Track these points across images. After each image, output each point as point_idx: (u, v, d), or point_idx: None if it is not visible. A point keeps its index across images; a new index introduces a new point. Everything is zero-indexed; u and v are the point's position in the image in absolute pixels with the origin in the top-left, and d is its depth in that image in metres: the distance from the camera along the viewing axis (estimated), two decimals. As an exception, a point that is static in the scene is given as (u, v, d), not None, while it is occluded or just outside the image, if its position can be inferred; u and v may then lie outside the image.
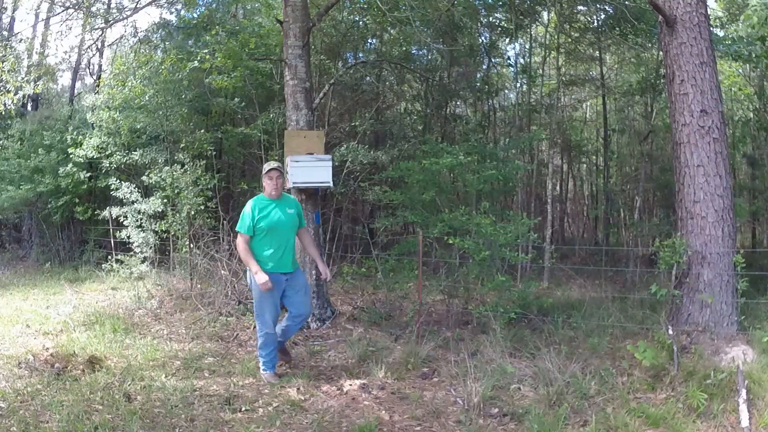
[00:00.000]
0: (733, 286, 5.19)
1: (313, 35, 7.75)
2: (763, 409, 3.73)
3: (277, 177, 4.63)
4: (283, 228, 4.61)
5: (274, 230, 4.57)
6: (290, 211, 4.70)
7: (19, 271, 10.45)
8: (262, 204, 4.63)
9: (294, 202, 4.85)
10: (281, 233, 4.60)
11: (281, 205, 4.66)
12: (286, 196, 4.87)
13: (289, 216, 4.67)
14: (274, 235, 4.57)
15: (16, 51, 9.44)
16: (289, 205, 4.75)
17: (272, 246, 4.56)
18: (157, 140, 9.79)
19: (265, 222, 4.55)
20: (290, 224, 4.69)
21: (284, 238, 4.62)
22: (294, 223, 4.73)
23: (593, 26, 11.14)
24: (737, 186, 10.37)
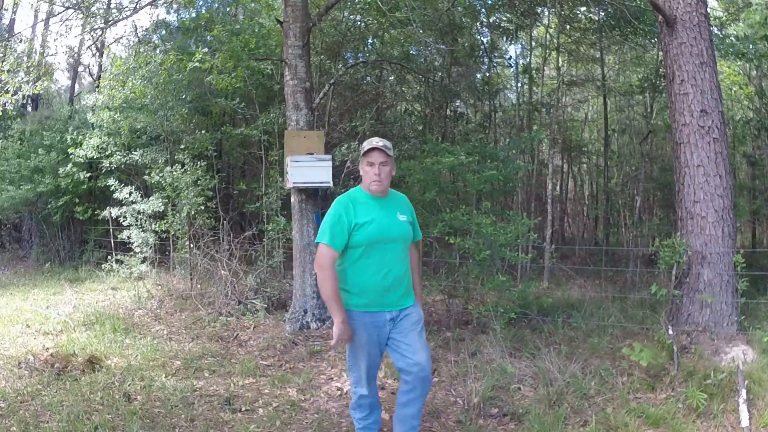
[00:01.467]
0: (733, 286, 5.19)
1: (313, 35, 7.75)
2: (763, 409, 3.73)
3: (381, 163, 3.04)
4: (392, 242, 3.07)
5: (379, 246, 3.03)
6: (402, 217, 3.14)
7: (19, 271, 10.45)
8: (358, 203, 3.07)
9: (405, 203, 3.28)
10: (389, 250, 3.06)
11: (389, 207, 3.12)
12: (395, 194, 3.27)
13: (400, 225, 3.11)
14: (376, 253, 3.03)
15: (15, 51, 9.44)
16: (399, 206, 3.19)
17: (373, 270, 3.04)
18: (157, 140, 9.79)
19: (365, 232, 3.00)
20: (402, 237, 3.12)
21: (392, 257, 3.08)
22: (407, 236, 3.16)
23: (594, 27, 11.14)
24: (737, 186, 10.35)
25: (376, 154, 3.02)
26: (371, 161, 3.01)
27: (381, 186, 3.04)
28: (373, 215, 3.01)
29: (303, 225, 6.23)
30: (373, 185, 3.03)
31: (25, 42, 10.42)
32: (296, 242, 6.28)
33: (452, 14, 9.90)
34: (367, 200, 3.07)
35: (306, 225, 6.23)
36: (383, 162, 3.02)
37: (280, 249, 7.95)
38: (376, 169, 3.01)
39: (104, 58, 12.13)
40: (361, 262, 3.02)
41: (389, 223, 3.05)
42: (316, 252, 3.12)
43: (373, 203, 3.06)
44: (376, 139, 3.07)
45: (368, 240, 2.98)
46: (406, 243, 3.13)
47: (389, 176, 3.08)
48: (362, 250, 2.99)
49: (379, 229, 3.01)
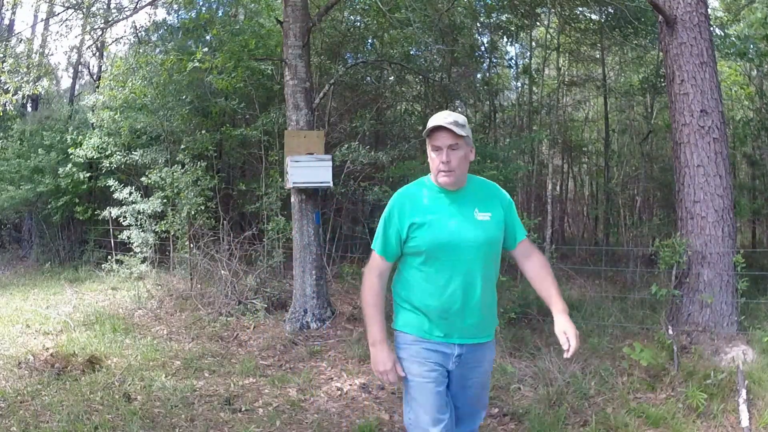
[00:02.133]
0: (733, 286, 5.19)
1: (314, 35, 7.75)
2: (763, 409, 3.73)
3: (451, 146, 2.25)
4: (466, 249, 2.28)
5: (446, 254, 2.27)
6: (483, 215, 2.33)
7: (19, 271, 10.46)
8: (419, 198, 2.35)
9: (492, 194, 2.44)
10: (462, 260, 2.28)
11: (463, 202, 2.34)
12: (480, 183, 2.45)
13: (478, 226, 2.31)
14: (444, 263, 2.28)
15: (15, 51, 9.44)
16: (481, 200, 2.37)
17: (437, 285, 2.29)
18: (157, 140, 9.79)
19: (423, 236, 2.29)
20: (480, 242, 2.30)
21: (467, 270, 2.29)
22: (490, 240, 2.34)
23: (594, 27, 11.14)
24: (737, 186, 10.36)
25: (442, 135, 2.21)
26: (436, 145, 2.23)
27: (451, 178, 2.24)
28: (438, 213, 2.27)
29: (303, 225, 6.23)
30: (441, 177, 2.25)
31: (26, 42, 10.41)
32: (296, 242, 6.27)
33: (452, 14, 9.90)
34: (433, 193, 2.32)
35: (306, 225, 6.23)
36: (453, 145, 2.21)
37: (280, 249, 7.95)
38: (444, 156, 2.21)
39: (104, 58, 12.13)
40: (422, 271, 2.28)
41: (460, 224, 2.25)
42: (316, 252, 2.91)
43: (442, 197, 2.30)
44: (443, 115, 2.24)
45: (428, 246, 2.24)
46: (489, 249, 2.28)
47: (464, 163, 2.27)
48: (423, 258, 2.27)
49: (442, 230, 2.24)
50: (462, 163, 2.26)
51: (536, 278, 2.43)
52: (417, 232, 2.27)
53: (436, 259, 2.26)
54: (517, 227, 2.43)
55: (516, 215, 2.43)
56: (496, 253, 2.36)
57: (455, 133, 2.20)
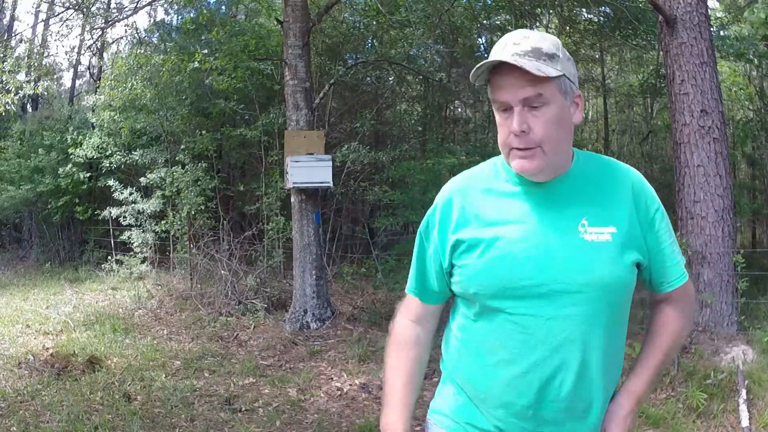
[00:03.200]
0: (733, 286, 5.19)
1: (314, 35, 7.76)
2: (763, 409, 3.73)
3: (527, 101, 1.16)
4: (556, 298, 1.19)
5: (518, 302, 1.21)
6: (597, 231, 1.21)
7: (19, 271, 10.46)
8: (484, 194, 1.30)
9: (627, 188, 1.27)
10: (548, 317, 1.19)
11: (563, 204, 1.24)
12: (603, 168, 1.30)
13: (589, 252, 1.20)
14: (515, 320, 1.21)
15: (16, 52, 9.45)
16: (599, 200, 1.25)
17: (502, 360, 1.24)
18: (157, 141, 9.79)
19: (478, 265, 1.24)
20: (595, 284, 1.19)
21: (557, 337, 1.19)
22: (616, 281, 1.22)
23: (594, 28, 11.14)
24: (737, 186, 10.36)
25: (509, 80, 1.17)
26: (501, 100, 1.19)
27: (535, 161, 1.19)
28: (507, 224, 1.24)
29: (303, 225, 6.23)
30: (516, 160, 1.21)
31: (26, 42, 10.42)
32: (296, 242, 6.27)
33: (452, 15, 9.90)
34: (506, 186, 1.29)
35: (306, 225, 6.23)
36: (533, 99, 1.16)
37: (280, 249, 7.96)
38: (516, 121, 1.17)
39: (104, 58, 12.13)
40: (476, 328, 1.30)
41: (551, 248, 1.21)
42: (316, 252, 1.77)
43: (519, 194, 1.26)
44: (512, 38, 1.19)
45: (480, 287, 1.24)
46: (608, 300, 1.22)
47: (561, 130, 1.20)
48: (476, 307, 1.28)
49: (512, 260, 1.21)
50: (556, 131, 1.17)
51: (652, 331, 1.39)
52: (465, 258, 1.24)
53: (500, 313, 1.21)
54: (670, 259, 1.28)
55: (670, 235, 1.29)
56: (620, 306, 1.26)
57: (534, 76, 1.12)
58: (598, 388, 1.23)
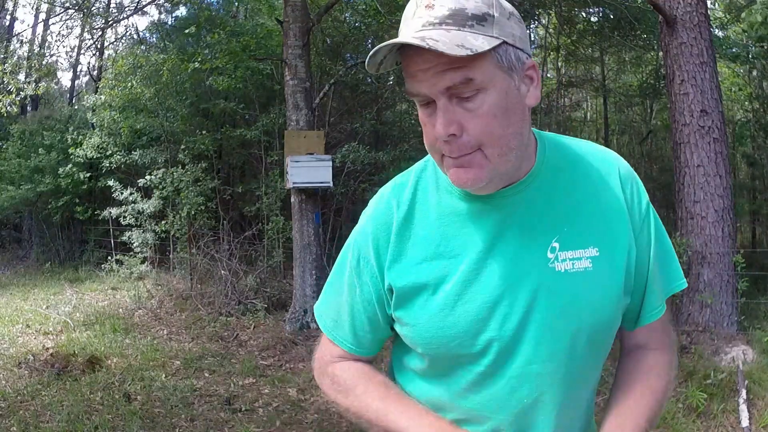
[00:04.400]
0: (733, 286, 5.19)
1: (314, 35, 7.76)
2: (763, 409, 3.74)
3: (451, 90, 0.79)
4: (525, 352, 0.89)
5: (476, 359, 0.90)
6: (573, 255, 0.89)
7: (19, 271, 10.46)
8: (421, 214, 0.95)
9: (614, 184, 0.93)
10: (513, 376, 0.90)
11: (525, 219, 0.90)
12: (578, 161, 0.94)
13: (564, 286, 0.88)
14: (471, 379, 0.92)
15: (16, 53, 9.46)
16: (576, 208, 0.91)
17: (472, 417, 0.94)
18: (157, 141, 9.79)
19: (423, 317, 0.91)
20: (575, 329, 0.89)
21: (522, 400, 0.91)
22: (603, 320, 0.91)
23: (593, 28, 11.15)
24: (737, 186, 10.37)
25: (423, 63, 0.80)
26: (417, 92, 0.83)
27: (472, 173, 0.84)
28: (456, 260, 0.91)
29: (303, 225, 6.23)
30: (451, 171, 0.86)
31: (26, 43, 10.44)
32: (296, 242, 6.28)
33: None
34: (450, 204, 0.94)
35: (306, 225, 6.23)
36: (458, 86, 0.80)
37: (280, 249, 7.96)
38: (439, 122, 0.81)
39: (104, 58, 12.14)
40: (431, 385, 0.99)
41: (509, 290, 0.89)
42: (316, 252, 1.63)
43: (469, 215, 0.92)
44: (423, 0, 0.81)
45: (437, 349, 0.93)
46: (588, 347, 0.92)
47: (507, 123, 0.82)
48: (425, 362, 0.97)
49: (468, 311, 0.89)
50: (501, 126, 0.82)
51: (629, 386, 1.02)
52: (404, 309, 0.94)
53: (454, 372, 0.94)
54: (655, 289, 0.98)
55: (667, 245, 1.00)
56: (602, 355, 0.99)
57: (453, 58, 0.77)
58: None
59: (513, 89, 0.83)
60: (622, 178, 0.95)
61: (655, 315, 0.99)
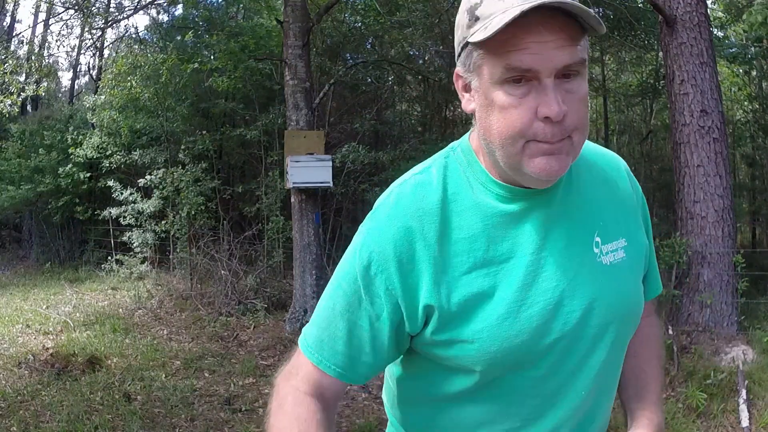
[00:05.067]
0: (733, 286, 5.19)
1: (314, 35, 7.76)
2: (763, 409, 3.74)
3: (568, 70, 0.76)
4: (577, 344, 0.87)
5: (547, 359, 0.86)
6: (612, 248, 0.90)
7: (19, 271, 10.46)
8: (457, 220, 0.85)
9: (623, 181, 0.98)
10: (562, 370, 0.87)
11: (569, 218, 0.88)
12: (594, 161, 0.96)
13: (610, 279, 0.89)
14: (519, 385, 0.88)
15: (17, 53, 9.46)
16: (606, 206, 0.93)
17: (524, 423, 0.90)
18: (157, 141, 9.80)
19: (492, 334, 0.83)
20: (621, 318, 0.91)
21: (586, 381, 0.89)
22: (638, 308, 0.95)
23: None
24: (737, 186, 10.37)
25: (543, 36, 0.74)
26: (526, 66, 0.75)
27: (562, 162, 0.79)
28: (510, 264, 0.85)
29: (303, 225, 6.23)
30: (539, 160, 0.78)
31: (26, 44, 10.44)
32: (296, 242, 6.28)
33: (452, 15, 9.91)
34: (493, 204, 0.86)
35: (306, 225, 6.23)
36: (573, 66, 0.76)
37: (280, 249, 7.96)
38: (554, 101, 0.75)
39: (104, 58, 12.14)
40: (470, 402, 0.91)
41: (570, 288, 0.86)
42: (316, 252, 1.54)
43: (518, 213, 0.86)
44: None
45: (501, 361, 0.85)
46: (630, 333, 0.96)
47: (587, 113, 0.82)
48: (477, 378, 0.87)
49: (533, 316, 0.84)
50: (587, 115, 0.83)
51: (634, 355, 1.02)
52: (456, 327, 0.85)
53: (506, 380, 0.88)
54: (654, 260, 1.04)
55: (651, 240, 1.03)
56: (632, 334, 0.98)
57: (577, 30, 0.76)
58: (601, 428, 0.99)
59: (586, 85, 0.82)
60: (627, 173, 1.00)
61: (658, 291, 1.05)
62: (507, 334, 0.83)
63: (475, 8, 0.78)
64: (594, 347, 0.88)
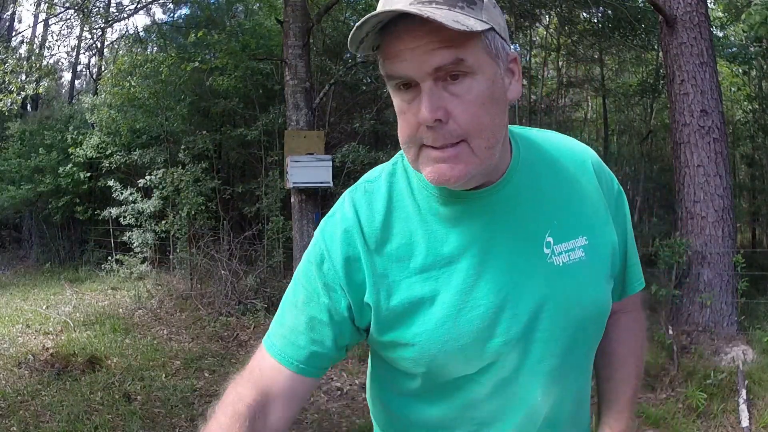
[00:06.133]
0: (733, 286, 5.19)
1: (314, 35, 7.76)
2: (763, 409, 3.74)
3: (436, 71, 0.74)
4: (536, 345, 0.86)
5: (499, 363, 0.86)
6: (566, 248, 0.87)
7: (19, 271, 10.46)
8: (401, 223, 0.87)
9: (586, 172, 0.93)
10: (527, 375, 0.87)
11: (514, 217, 0.86)
12: (551, 152, 0.93)
13: (562, 281, 0.86)
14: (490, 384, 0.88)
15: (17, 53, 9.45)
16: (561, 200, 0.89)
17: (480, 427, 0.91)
18: (157, 140, 9.80)
19: (430, 338, 0.84)
20: (575, 324, 0.88)
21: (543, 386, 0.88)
22: (601, 311, 0.92)
23: (593, 28, 11.16)
24: (737, 186, 10.38)
25: (412, 41, 0.74)
26: (401, 73, 0.77)
27: (458, 168, 0.77)
28: (450, 268, 0.84)
29: (303, 225, 6.24)
30: (430, 167, 0.79)
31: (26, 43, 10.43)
32: (296, 242, 6.28)
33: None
34: (431, 207, 0.87)
35: (306, 225, 6.23)
36: (449, 66, 0.74)
37: (280, 249, 7.96)
38: (426, 105, 0.75)
39: (104, 58, 12.13)
40: (431, 405, 0.92)
41: (514, 291, 0.85)
42: None
43: (454, 216, 0.85)
44: None
45: (440, 365, 0.86)
46: (591, 334, 0.94)
47: (492, 112, 0.78)
48: (418, 381, 0.91)
49: (475, 318, 0.83)
50: (489, 115, 0.78)
51: (610, 353, 1.07)
52: (397, 329, 0.87)
53: (457, 384, 0.89)
54: (634, 255, 1.03)
55: (631, 228, 1.02)
56: (597, 339, 0.97)
57: (450, 32, 0.72)
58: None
59: (499, 78, 0.79)
60: (595, 167, 0.95)
61: (639, 286, 1.02)
62: (446, 337, 0.83)
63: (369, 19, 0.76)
64: (546, 351, 0.86)
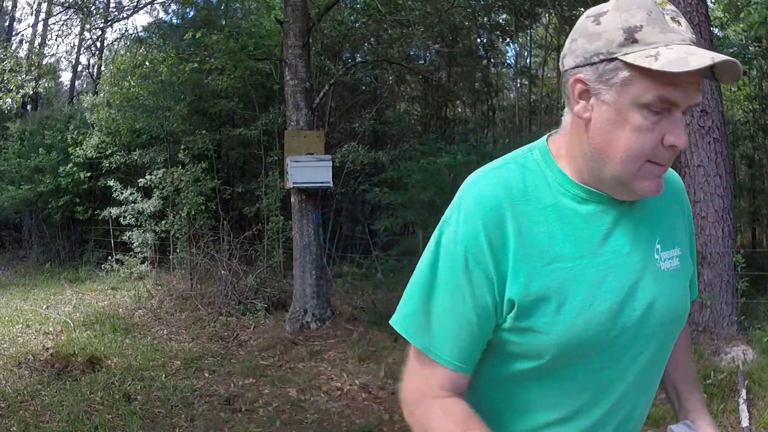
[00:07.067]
0: (733, 286, 5.19)
1: (313, 35, 7.76)
2: (763, 409, 3.74)
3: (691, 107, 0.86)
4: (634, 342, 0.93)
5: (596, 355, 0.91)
6: (669, 255, 0.97)
7: (19, 271, 10.46)
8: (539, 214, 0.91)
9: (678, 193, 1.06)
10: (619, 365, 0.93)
11: (636, 224, 0.94)
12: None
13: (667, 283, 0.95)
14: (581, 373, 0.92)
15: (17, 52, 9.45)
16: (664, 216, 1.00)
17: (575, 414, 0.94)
18: (157, 140, 9.80)
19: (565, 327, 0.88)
20: (672, 319, 0.97)
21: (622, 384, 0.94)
22: (685, 310, 1.01)
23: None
24: (737, 186, 10.38)
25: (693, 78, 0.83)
26: (675, 100, 0.83)
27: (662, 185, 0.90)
28: (583, 261, 0.90)
29: (303, 225, 6.23)
30: (650, 182, 0.88)
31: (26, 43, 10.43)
32: (296, 242, 6.28)
33: (452, 15, 9.91)
34: (571, 205, 0.93)
35: (306, 225, 6.23)
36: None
37: (280, 249, 7.96)
38: (682, 132, 0.85)
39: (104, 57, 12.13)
40: (529, 388, 0.95)
41: (634, 289, 0.92)
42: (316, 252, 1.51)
43: (593, 216, 0.93)
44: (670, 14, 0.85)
45: (566, 352, 0.89)
46: (673, 336, 1.02)
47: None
48: (541, 364, 0.91)
49: (601, 311, 0.89)
50: None
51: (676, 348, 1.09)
52: (537, 314, 0.88)
53: (565, 370, 0.92)
54: (694, 272, 1.10)
55: (694, 245, 1.12)
56: (673, 344, 1.04)
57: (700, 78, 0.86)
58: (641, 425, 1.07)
59: None
60: (681, 189, 1.07)
61: (693, 295, 1.09)
62: (579, 328, 0.89)
63: (634, 30, 0.83)
64: (646, 345, 0.94)
